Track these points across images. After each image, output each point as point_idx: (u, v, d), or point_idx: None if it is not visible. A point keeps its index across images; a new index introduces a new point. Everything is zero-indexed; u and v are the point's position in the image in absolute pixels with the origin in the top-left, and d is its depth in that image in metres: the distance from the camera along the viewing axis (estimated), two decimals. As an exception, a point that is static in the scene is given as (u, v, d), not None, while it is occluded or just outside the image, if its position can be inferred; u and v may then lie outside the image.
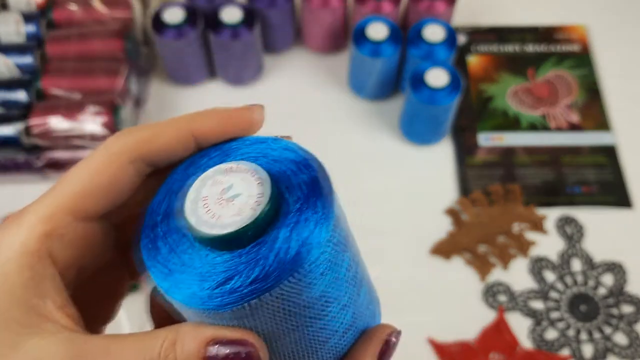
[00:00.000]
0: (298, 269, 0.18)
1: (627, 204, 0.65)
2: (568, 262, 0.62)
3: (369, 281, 0.24)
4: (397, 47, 0.65)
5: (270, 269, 0.18)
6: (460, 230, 0.63)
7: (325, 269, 0.19)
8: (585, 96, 0.72)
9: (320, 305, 0.19)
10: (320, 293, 0.19)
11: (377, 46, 0.64)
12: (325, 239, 0.19)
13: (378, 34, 0.64)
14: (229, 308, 0.18)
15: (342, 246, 0.20)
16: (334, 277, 0.20)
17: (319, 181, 0.20)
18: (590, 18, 0.78)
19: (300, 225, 0.19)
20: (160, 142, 0.23)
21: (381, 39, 0.64)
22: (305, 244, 0.18)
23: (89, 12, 0.68)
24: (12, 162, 0.63)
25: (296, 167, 0.21)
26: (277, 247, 0.18)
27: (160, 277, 0.19)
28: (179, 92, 0.73)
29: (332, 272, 0.19)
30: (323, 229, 0.19)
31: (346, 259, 0.21)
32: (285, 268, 0.18)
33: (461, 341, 0.57)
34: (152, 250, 0.20)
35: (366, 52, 0.65)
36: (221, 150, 0.22)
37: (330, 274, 0.19)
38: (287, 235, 0.18)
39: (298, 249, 0.18)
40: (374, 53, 0.65)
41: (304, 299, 0.19)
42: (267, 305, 0.18)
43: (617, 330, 0.58)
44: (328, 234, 0.19)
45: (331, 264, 0.19)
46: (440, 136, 0.68)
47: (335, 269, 0.20)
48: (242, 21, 0.66)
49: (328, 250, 0.19)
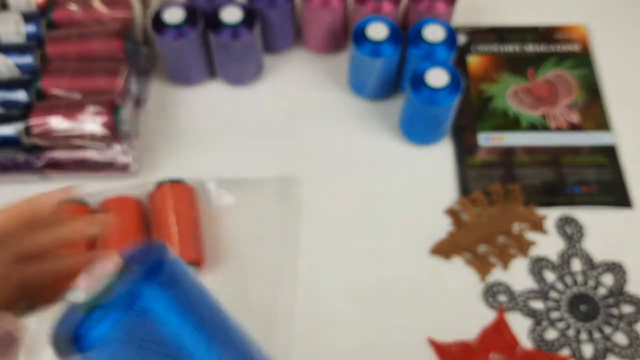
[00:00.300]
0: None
1: (627, 204, 0.65)
2: (568, 262, 0.62)
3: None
4: (397, 47, 0.65)
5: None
6: (460, 230, 0.63)
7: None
8: (585, 96, 0.72)
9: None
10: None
11: (377, 46, 0.65)
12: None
13: (378, 34, 0.65)
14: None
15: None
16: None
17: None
18: (591, 18, 0.78)
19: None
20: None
21: (381, 39, 0.64)
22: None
23: (89, 12, 0.68)
24: (12, 162, 0.64)
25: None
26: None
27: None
28: (179, 92, 0.73)
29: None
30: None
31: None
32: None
33: (461, 341, 0.58)
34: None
35: (366, 52, 0.65)
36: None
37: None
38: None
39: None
40: (374, 53, 0.65)
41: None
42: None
43: (617, 330, 0.58)
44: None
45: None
46: (440, 136, 0.68)
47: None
48: (242, 21, 0.66)
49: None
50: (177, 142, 0.70)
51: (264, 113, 0.72)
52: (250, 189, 0.65)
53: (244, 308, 0.58)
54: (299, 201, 0.65)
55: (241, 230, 0.63)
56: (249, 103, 0.73)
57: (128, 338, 0.24)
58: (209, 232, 0.63)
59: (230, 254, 0.62)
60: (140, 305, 0.23)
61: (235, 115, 0.72)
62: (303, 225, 0.64)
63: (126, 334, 0.24)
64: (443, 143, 0.69)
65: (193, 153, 0.69)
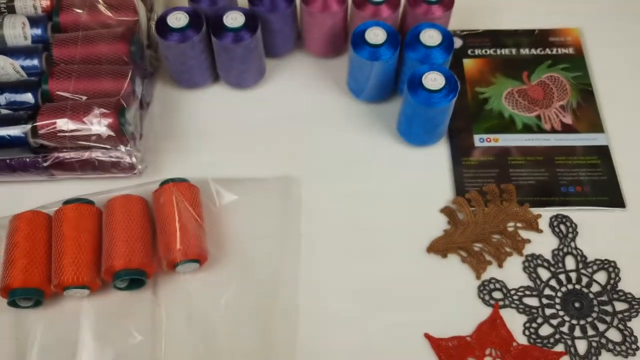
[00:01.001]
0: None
1: (619, 204, 0.65)
2: (562, 260, 0.63)
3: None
4: (395, 50, 0.66)
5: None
6: (456, 229, 0.64)
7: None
8: (579, 98, 0.73)
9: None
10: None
11: (375, 50, 0.66)
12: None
13: (376, 37, 0.66)
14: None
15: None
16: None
17: None
18: (584, 21, 0.79)
19: None
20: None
21: (379, 42, 0.66)
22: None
23: (94, 16, 0.69)
24: (19, 162, 0.64)
25: None
26: None
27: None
28: (183, 94, 0.74)
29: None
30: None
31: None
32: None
33: (458, 337, 0.58)
34: None
35: (365, 55, 0.66)
36: None
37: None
38: None
39: None
40: (372, 56, 0.66)
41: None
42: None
43: (611, 327, 0.59)
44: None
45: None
46: (437, 138, 0.69)
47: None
48: (244, 26, 0.66)
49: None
50: (181, 143, 0.70)
51: (266, 115, 0.73)
52: (252, 189, 0.66)
53: (246, 305, 0.60)
54: (298, 200, 0.66)
55: (243, 228, 0.64)
56: (251, 105, 0.74)
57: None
58: (212, 230, 0.63)
59: (232, 252, 0.63)
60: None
61: (238, 117, 0.73)
62: (302, 224, 0.65)
63: None
64: (440, 144, 0.70)
65: (196, 154, 0.69)
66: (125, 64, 0.67)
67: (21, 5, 0.70)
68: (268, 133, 0.71)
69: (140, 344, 0.57)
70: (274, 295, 0.60)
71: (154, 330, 0.58)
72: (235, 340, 0.58)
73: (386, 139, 0.71)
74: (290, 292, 0.61)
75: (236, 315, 0.59)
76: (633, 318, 0.59)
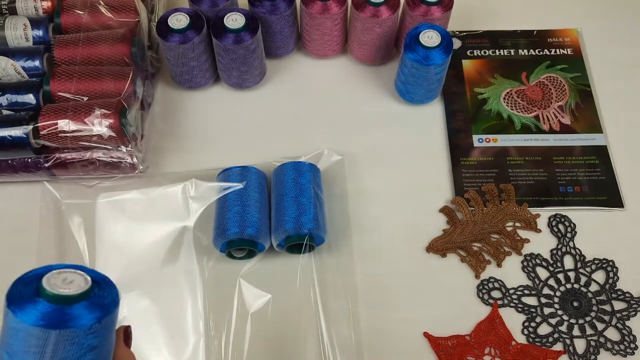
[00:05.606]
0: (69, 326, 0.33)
1: (618, 204, 0.66)
2: (561, 260, 0.63)
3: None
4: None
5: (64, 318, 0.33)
6: (455, 228, 0.65)
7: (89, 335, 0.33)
8: (577, 98, 0.74)
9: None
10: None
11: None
12: (94, 320, 0.33)
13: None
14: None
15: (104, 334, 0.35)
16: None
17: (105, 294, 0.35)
18: (583, 22, 0.79)
19: (92, 306, 0.34)
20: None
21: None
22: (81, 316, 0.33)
23: (95, 17, 0.69)
24: (21, 163, 0.65)
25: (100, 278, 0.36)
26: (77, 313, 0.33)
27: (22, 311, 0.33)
28: (184, 95, 0.74)
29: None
30: (94, 316, 0.34)
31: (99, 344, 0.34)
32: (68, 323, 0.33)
33: (457, 336, 0.59)
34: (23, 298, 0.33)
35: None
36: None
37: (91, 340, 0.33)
38: (86, 306, 0.34)
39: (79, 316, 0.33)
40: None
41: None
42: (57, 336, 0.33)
43: (609, 326, 0.59)
44: (94, 321, 0.34)
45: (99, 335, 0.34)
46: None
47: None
48: (244, 27, 0.67)
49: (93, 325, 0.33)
50: (182, 144, 0.71)
51: (266, 116, 0.73)
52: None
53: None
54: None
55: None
56: (251, 106, 0.74)
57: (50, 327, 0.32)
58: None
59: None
60: (70, 324, 0.33)
61: (238, 118, 0.73)
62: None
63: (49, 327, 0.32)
64: (439, 146, 0.70)
65: (197, 154, 0.70)
66: (127, 65, 0.67)
67: (22, 6, 0.70)
68: (267, 133, 0.72)
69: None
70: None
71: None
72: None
73: (387, 138, 0.71)
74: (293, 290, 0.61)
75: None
76: (631, 317, 0.60)
